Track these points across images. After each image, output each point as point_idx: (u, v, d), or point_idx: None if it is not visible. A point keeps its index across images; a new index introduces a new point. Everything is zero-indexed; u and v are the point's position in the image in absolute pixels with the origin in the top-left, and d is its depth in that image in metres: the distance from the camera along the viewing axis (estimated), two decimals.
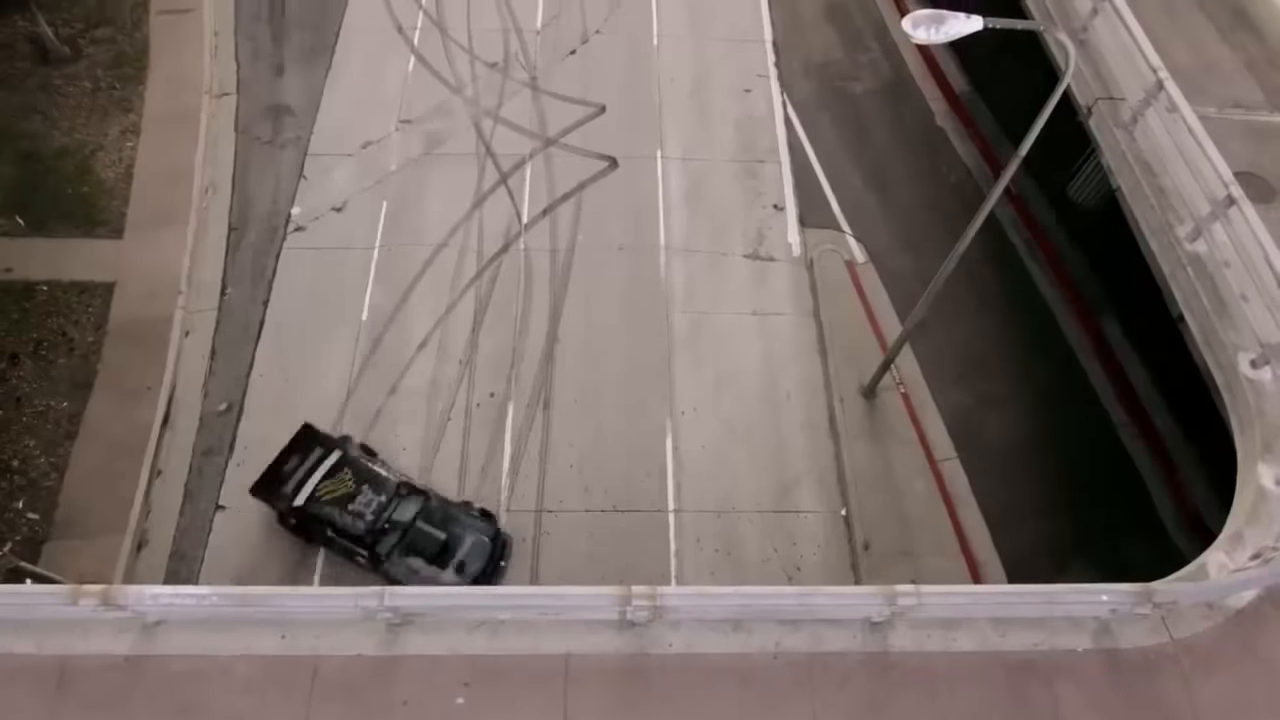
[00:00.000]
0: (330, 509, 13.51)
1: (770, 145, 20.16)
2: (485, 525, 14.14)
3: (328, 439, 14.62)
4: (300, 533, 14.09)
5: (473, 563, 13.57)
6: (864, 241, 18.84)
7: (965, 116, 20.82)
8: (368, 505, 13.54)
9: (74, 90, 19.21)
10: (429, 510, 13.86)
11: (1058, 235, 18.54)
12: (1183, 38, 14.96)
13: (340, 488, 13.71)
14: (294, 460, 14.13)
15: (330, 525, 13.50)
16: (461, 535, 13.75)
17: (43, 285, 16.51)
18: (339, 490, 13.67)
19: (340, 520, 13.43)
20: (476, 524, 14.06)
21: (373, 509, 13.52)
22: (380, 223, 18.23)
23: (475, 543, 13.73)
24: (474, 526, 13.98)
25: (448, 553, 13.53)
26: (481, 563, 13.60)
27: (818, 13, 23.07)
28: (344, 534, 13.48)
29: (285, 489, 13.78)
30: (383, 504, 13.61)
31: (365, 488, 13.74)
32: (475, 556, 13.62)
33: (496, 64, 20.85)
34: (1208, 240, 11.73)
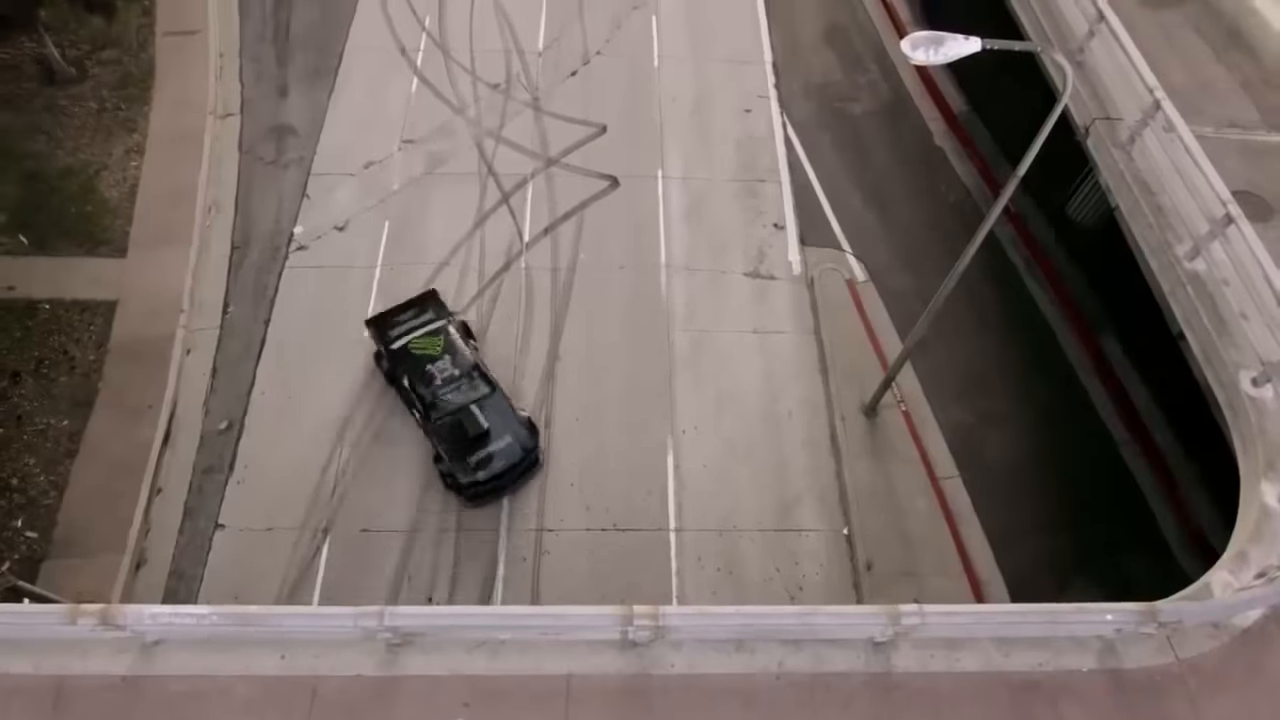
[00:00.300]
0: (413, 362, 15.29)
1: (770, 165, 20.30)
2: (526, 436, 15.12)
3: (442, 307, 16.24)
4: (385, 373, 16.01)
5: (497, 462, 14.68)
6: (864, 260, 18.91)
7: (964, 136, 20.98)
8: (441, 372, 15.22)
9: (79, 111, 19.37)
10: (487, 400, 15.13)
11: (1057, 253, 18.63)
12: (1178, 58, 15.12)
13: (429, 348, 15.44)
14: (409, 313, 16.01)
15: (407, 375, 15.25)
16: (502, 434, 14.85)
17: (45, 304, 16.56)
18: (427, 349, 15.42)
19: (415, 374, 15.17)
20: (520, 433, 15.07)
21: (444, 377, 15.18)
22: (382, 241, 18.31)
23: (508, 446, 14.85)
24: (517, 434, 15.01)
25: (481, 442, 14.69)
26: (505, 465, 14.72)
27: (817, 35, 23.31)
28: (413, 387, 15.14)
29: (390, 332, 15.72)
30: (453, 376, 15.21)
31: (447, 357, 15.36)
32: (502, 457, 14.76)
33: (498, 85, 21.04)
34: (1206, 259, 11.78)
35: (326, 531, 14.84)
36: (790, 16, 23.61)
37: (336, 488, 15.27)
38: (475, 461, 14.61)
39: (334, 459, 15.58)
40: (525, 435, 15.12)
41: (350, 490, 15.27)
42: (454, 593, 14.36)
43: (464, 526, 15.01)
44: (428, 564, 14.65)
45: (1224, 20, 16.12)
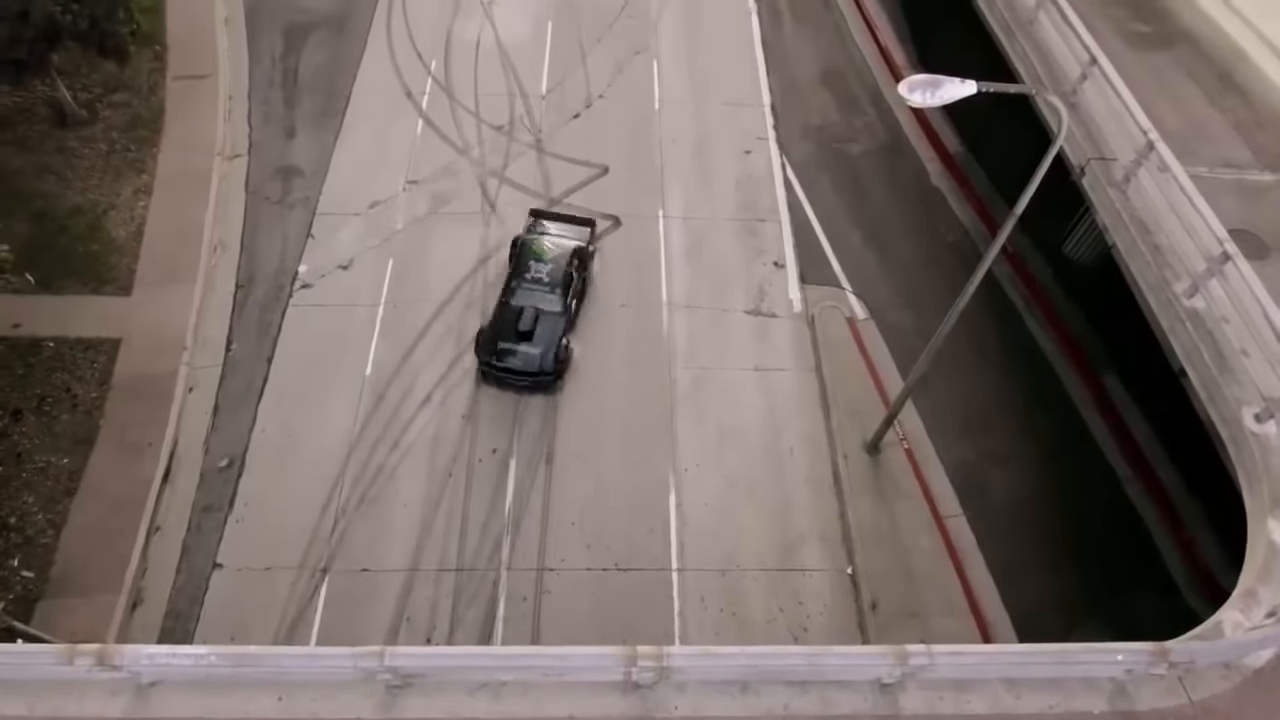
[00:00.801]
0: (524, 251, 17.52)
1: (770, 204, 20.54)
2: (550, 361, 16.60)
3: (588, 235, 18.42)
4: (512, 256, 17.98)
5: (514, 360, 16.52)
6: (864, 298, 19.03)
7: (960, 177, 21.27)
8: (536, 271, 17.26)
9: (89, 152, 19.67)
10: (549, 315, 16.94)
11: (1055, 291, 18.75)
12: (1170, 100, 15.40)
13: (538, 249, 17.52)
14: (561, 223, 18.47)
15: (515, 258, 17.67)
16: (535, 346, 16.62)
17: (49, 341, 16.62)
18: (535, 249, 17.52)
19: (519, 261, 17.47)
20: (548, 355, 16.62)
21: (533, 276, 17.23)
22: (386, 280, 18.46)
23: (530, 356, 16.56)
24: (545, 353, 16.60)
25: (514, 339, 16.63)
26: (518, 366, 16.52)
27: (814, 78, 23.78)
28: (512, 269, 17.64)
29: (535, 224, 18.37)
30: (540, 280, 17.18)
31: (549, 265, 17.29)
32: (520, 360, 16.55)
33: (502, 127, 21.41)
34: (1205, 296, 11.86)
35: (325, 571, 14.70)
36: (787, 61, 24.12)
37: (336, 526, 15.17)
38: (500, 349, 16.53)
39: (334, 497, 15.51)
40: (550, 360, 16.57)
41: (350, 528, 15.17)
42: (454, 633, 14.17)
43: (464, 566, 14.89)
44: (427, 604, 14.49)
45: (1215, 64, 16.46)
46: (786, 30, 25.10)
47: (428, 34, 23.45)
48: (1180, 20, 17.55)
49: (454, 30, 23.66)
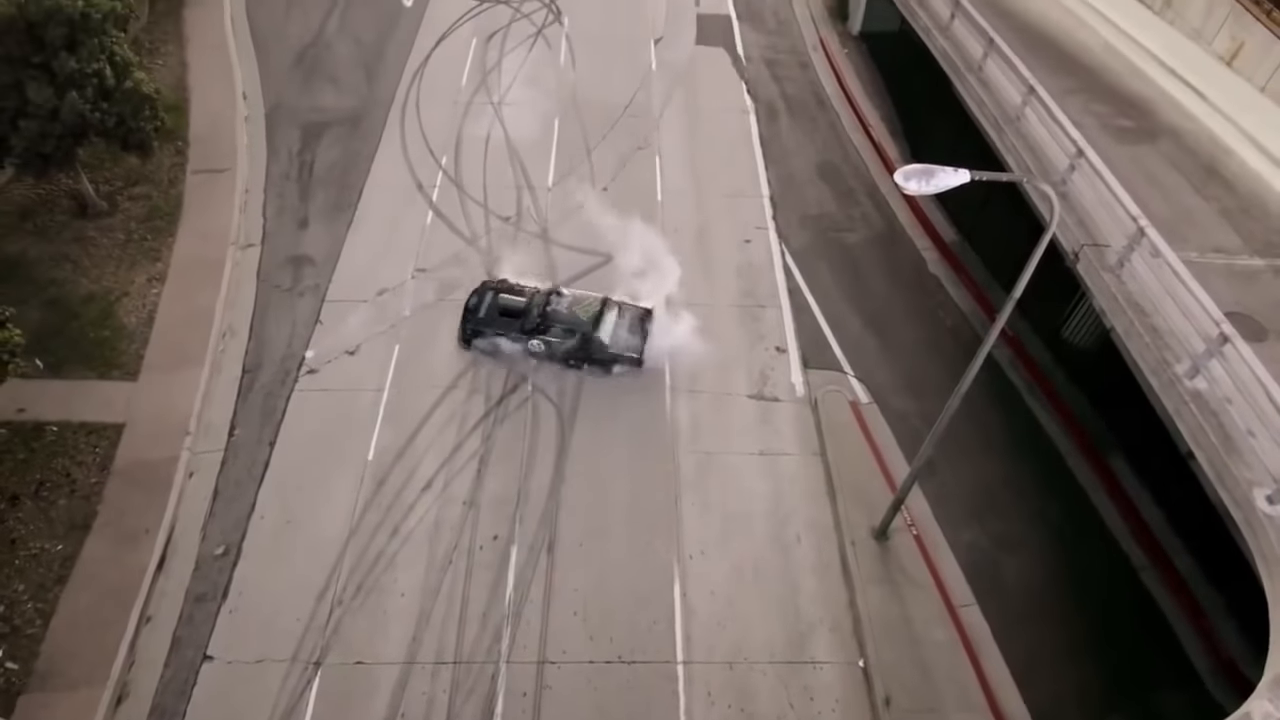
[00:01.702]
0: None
1: (771, 291, 20.90)
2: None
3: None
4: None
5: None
6: (866, 382, 19.11)
7: (956, 264, 21.70)
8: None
9: (106, 241, 20.20)
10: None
11: (1056, 375, 18.84)
12: (1157, 190, 15.89)
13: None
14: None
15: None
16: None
17: (53, 426, 16.63)
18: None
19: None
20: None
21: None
22: (392, 365, 18.60)
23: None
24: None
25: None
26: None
27: (810, 171, 24.61)
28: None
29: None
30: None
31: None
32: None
33: (510, 218, 22.03)
34: (1207, 377, 11.91)
35: (319, 664, 14.22)
36: (785, 155, 25.01)
37: (332, 616, 14.77)
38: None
39: (331, 586, 15.16)
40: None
41: (346, 619, 14.77)
42: None
43: (462, 658, 14.41)
44: (423, 699, 13.96)
45: (1198, 156, 17.07)
46: (783, 127, 26.15)
47: (439, 132, 24.45)
48: (1161, 116, 18.32)
49: (464, 129, 24.67)
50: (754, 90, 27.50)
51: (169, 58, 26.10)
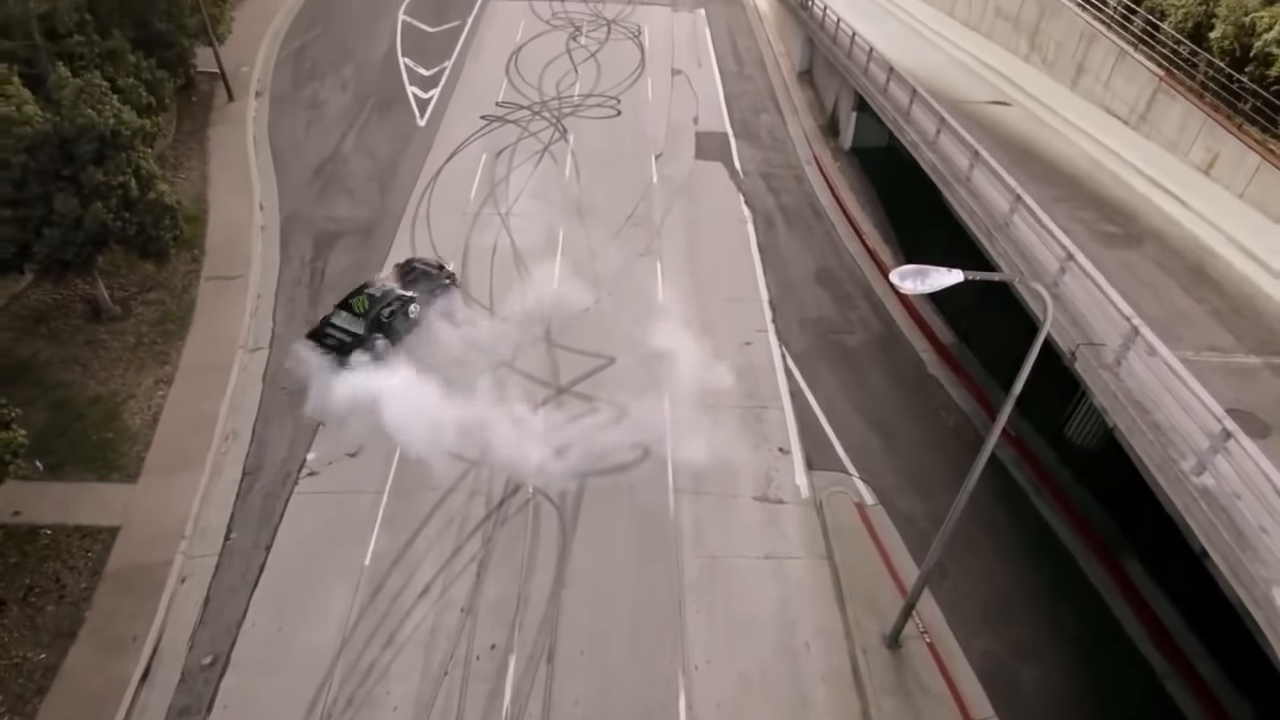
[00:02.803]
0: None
1: (773, 392, 21.03)
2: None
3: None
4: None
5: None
6: (871, 483, 18.93)
7: (955, 365, 21.93)
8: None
9: (117, 344, 20.53)
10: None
11: (1062, 474, 18.69)
12: (1147, 291, 16.27)
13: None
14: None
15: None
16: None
17: (47, 529, 16.40)
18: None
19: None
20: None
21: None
22: (393, 467, 18.50)
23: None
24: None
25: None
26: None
27: (808, 276, 25.26)
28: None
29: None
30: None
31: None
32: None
33: (513, 320, 22.42)
34: (1213, 474, 11.82)
35: None
36: (783, 261, 25.74)
37: None
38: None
39: (321, 698, 14.52)
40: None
41: None
42: None
43: None
44: None
45: (1184, 259, 17.58)
46: (780, 236, 27.03)
47: (448, 240, 25.28)
48: (1146, 221, 18.98)
49: (472, 238, 25.52)
50: (751, 201, 28.60)
51: (191, 171, 27.35)
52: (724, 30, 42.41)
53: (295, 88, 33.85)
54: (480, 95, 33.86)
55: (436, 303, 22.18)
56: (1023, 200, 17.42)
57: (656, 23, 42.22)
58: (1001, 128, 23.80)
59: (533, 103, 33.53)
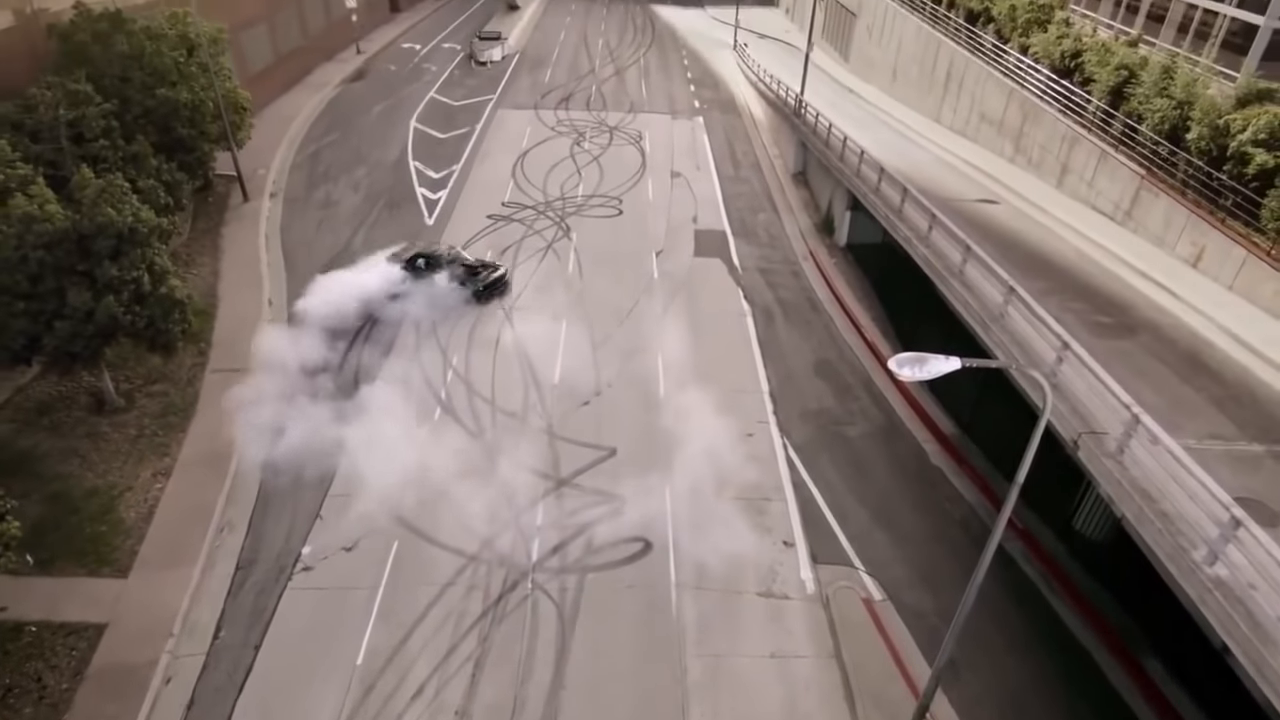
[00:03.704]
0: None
1: (775, 484, 20.83)
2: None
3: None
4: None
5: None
6: (878, 577, 18.50)
7: (958, 456, 21.81)
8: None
9: (118, 437, 20.53)
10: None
11: (1073, 567, 18.27)
12: (1145, 380, 16.36)
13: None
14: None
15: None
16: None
17: (32, 626, 15.96)
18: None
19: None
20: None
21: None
22: (389, 562, 18.15)
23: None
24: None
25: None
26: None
27: (808, 368, 25.46)
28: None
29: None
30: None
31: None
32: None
33: (515, 413, 22.51)
34: (1226, 563, 11.59)
35: None
36: (783, 354, 26.01)
37: None
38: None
39: None
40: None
41: None
42: None
43: None
44: None
45: (1179, 348, 17.76)
46: (779, 329, 27.42)
47: (452, 334, 25.63)
48: (1138, 312, 19.30)
49: (475, 331, 25.91)
50: (750, 296, 29.16)
51: (203, 268, 28.05)
52: (721, 136, 44.32)
53: (309, 189, 35.13)
54: (487, 196, 35.09)
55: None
56: (1016, 292, 17.77)
57: (657, 129, 44.17)
58: (991, 224, 24.54)
59: (537, 203, 34.71)
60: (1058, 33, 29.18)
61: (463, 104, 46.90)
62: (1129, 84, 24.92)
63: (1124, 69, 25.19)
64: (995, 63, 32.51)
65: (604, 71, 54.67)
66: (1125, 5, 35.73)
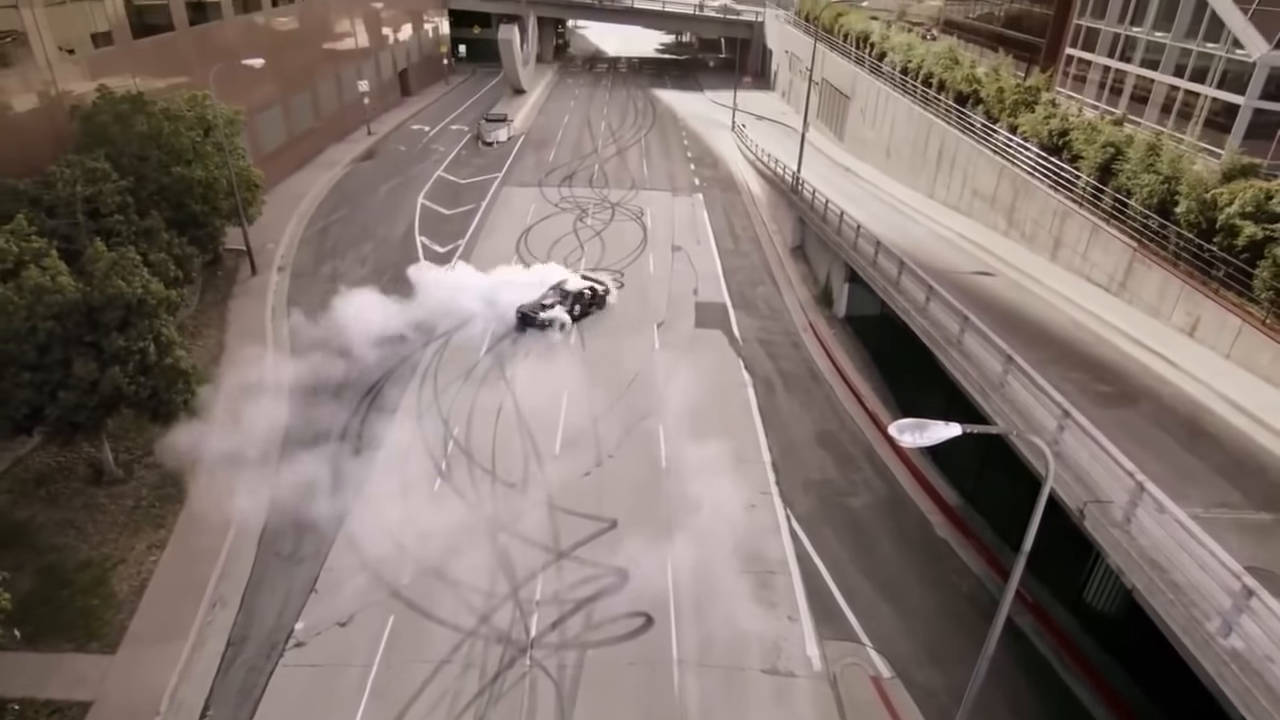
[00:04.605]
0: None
1: (779, 557, 20.49)
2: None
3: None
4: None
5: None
6: (886, 654, 17.99)
7: (964, 527, 21.51)
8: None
9: (115, 508, 20.35)
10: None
11: (1085, 642, 17.78)
12: (1149, 449, 16.28)
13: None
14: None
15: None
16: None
17: (15, 704, 15.46)
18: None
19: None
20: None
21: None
22: (384, 638, 17.71)
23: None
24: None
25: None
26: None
27: (809, 438, 25.37)
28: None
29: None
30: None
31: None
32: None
33: (515, 484, 22.35)
34: (1241, 635, 11.31)
35: None
36: (784, 424, 25.96)
37: None
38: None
39: None
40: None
41: None
42: None
43: None
44: None
45: (1180, 416, 17.75)
46: (780, 399, 27.45)
47: (454, 403, 25.70)
48: (1138, 381, 19.36)
49: (478, 400, 25.97)
50: (751, 367, 29.31)
51: (209, 339, 28.34)
52: (721, 212, 45.37)
53: (316, 263, 35.80)
54: (491, 269, 35.65)
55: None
56: (1014, 361, 17.88)
57: (658, 206, 45.26)
58: (987, 296, 24.87)
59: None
60: (1044, 113, 30.20)
61: (469, 182, 48.22)
62: (1116, 161, 25.65)
63: (1111, 146, 25.98)
64: (985, 141, 33.55)
65: (606, 151, 56.37)
66: (1109, 87, 37.14)
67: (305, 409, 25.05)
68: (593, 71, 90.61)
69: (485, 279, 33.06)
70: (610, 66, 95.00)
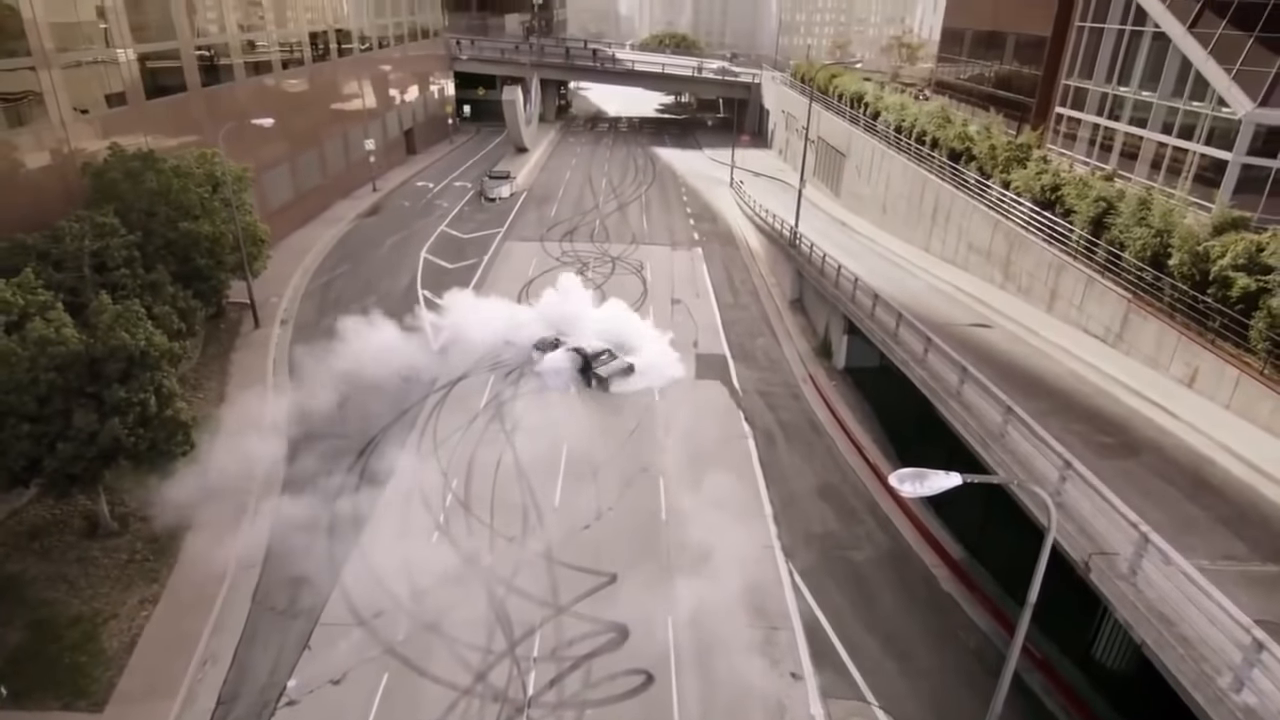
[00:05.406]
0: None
1: (781, 611, 20.14)
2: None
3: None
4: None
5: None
6: (892, 713, 17.53)
7: (969, 581, 21.18)
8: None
9: (108, 561, 20.09)
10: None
11: (1096, 700, 17.34)
12: (1152, 500, 16.17)
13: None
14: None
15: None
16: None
17: None
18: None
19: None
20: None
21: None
22: (378, 696, 17.31)
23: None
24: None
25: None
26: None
27: (811, 491, 25.18)
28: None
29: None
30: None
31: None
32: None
33: (514, 538, 22.10)
34: (1253, 690, 11.06)
35: None
36: (785, 476, 25.80)
37: None
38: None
39: None
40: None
41: None
42: None
43: None
44: None
45: (1183, 467, 17.66)
46: (781, 451, 27.33)
47: (453, 456, 25.60)
48: (1139, 432, 19.31)
49: (476, 454, 25.86)
50: (751, 418, 29.27)
51: (210, 392, 28.38)
52: (720, 266, 45.89)
53: (319, 316, 36.06)
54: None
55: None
56: (1014, 412, 17.88)
57: (657, 259, 45.81)
58: (985, 347, 24.99)
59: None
60: (1036, 169, 30.81)
61: (472, 237, 48.91)
62: (1108, 214, 26.06)
63: (1102, 200, 26.43)
64: (979, 196, 34.13)
65: (607, 207, 57.30)
66: (1099, 144, 37.96)
67: (304, 461, 24.95)
68: (594, 130, 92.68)
69: (487, 328, 33.34)
70: (611, 126, 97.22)
